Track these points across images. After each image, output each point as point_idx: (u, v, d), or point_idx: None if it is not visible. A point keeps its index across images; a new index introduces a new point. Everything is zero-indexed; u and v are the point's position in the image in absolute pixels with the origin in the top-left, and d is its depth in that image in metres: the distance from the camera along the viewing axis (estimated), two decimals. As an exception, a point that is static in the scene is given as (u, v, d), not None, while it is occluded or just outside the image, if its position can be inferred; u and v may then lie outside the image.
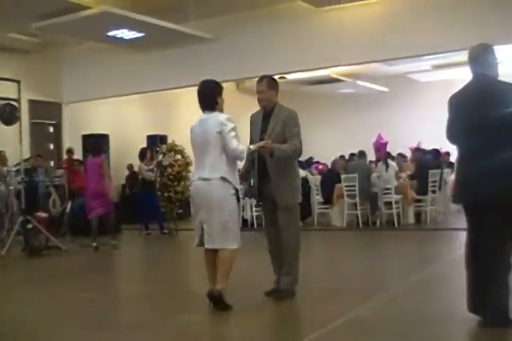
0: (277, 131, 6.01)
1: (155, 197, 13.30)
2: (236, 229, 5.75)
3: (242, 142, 5.66)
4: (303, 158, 16.11)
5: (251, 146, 5.81)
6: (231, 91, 18.35)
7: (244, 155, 5.73)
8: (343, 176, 13.01)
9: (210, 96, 5.78)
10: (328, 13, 12.47)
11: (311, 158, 18.52)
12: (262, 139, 5.97)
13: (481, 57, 4.97)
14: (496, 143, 4.63)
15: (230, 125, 5.63)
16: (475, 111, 4.73)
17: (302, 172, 14.48)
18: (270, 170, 6.08)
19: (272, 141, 5.85)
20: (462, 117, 4.80)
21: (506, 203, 4.62)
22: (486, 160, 4.60)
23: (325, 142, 20.18)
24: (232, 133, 5.60)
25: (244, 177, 6.28)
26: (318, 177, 14.35)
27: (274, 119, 6.09)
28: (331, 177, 13.66)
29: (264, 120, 6.17)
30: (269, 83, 6.18)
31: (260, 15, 12.81)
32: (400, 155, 15.20)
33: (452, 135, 4.91)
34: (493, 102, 4.70)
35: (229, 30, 13.07)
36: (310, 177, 14.54)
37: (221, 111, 5.81)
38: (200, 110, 5.83)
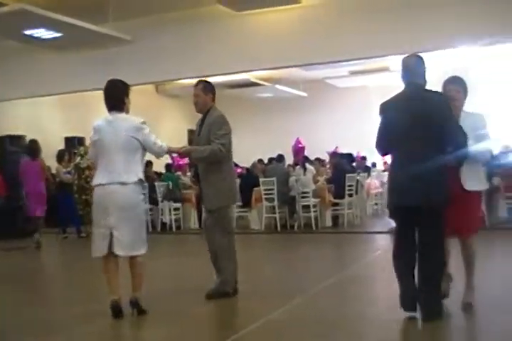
0: (205, 135, 6.11)
1: (72, 200, 13.06)
2: (145, 233, 5.69)
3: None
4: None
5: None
6: (150, 93, 18.20)
7: (165, 152, 5.82)
8: (261, 180, 13.07)
9: (117, 97, 5.67)
10: (248, 17, 12.52)
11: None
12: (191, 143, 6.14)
13: (412, 67, 5.17)
14: (426, 150, 4.89)
15: (146, 128, 5.62)
16: (406, 118, 4.95)
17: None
18: (200, 174, 6.21)
19: (202, 145, 6.06)
20: (393, 124, 5.05)
21: (433, 207, 4.89)
22: (417, 165, 4.82)
23: (244, 145, 20.10)
24: (153, 135, 5.65)
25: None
26: (237, 181, 14.34)
27: (206, 123, 6.18)
28: (249, 180, 13.70)
29: (201, 124, 6.27)
30: (204, 87, 6.26)
31: (180, 18, 12.74)
32: (318, 159, 15.38)
33: (383, 142, 5.18)
34: (424, 110, 4.94)
35: (148, 32, 12.96)
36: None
37: (127, 112, 5.73)
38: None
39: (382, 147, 5.27)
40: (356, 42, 11.68)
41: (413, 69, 5.17)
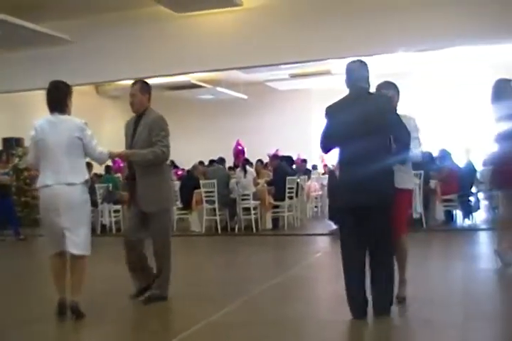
0: (144, 136, 5.97)
1: (11, 201, 12.80)
2: (89, 234, 5.67)
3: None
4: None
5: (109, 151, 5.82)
6: (90, 94, 17.98)
7: (106, 158, 5.78)
8: (202, 182, 13.03)
9: (60, 99, 5.60)
10: (189, 19, 12.48)
11: (172, 162, 18.40)
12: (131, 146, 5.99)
13: (357, 71, 5.37)
14: (373, 150, 5.07)
15: (89, 130, 5.57)
16: (352, 120, 5.13)
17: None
18: (138, 176, 6.02)
19: (140, 146, 5.92)
20: (340, 126, 5.24)
21: (384, 204, 5.11)
22: (365, 165, 4.99)
23: (185, 148, 20.11)
24: (95, 139, 5.59)
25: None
26: (178, 183, 14.30)
27: (142, 124, 6.05)
28: (190, 182, 13.65)
29: (135, 125, 6.12)
30: (141, 87, 6.18)
31: (121, 19, 12.62)
32: (260, 161, 15.41)
33: (328, 143, 5.38)
34: (369, 112, 5.14)
35: (89, 32, 12.80)
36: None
37: (69, 114, 5.66)
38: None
39: (327, 147, 5.43)
40: (297, 46, 11.78)
41: (357, 74, 5.35)
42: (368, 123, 5.10)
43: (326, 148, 5.46)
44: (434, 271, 7.63)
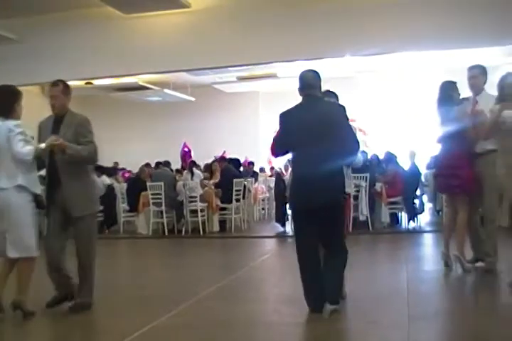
0: (69, 137, 5.71)
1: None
2: (34, 236, 5.58)
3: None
4: (107, 165, 15.90)
5: (41, 145, 5.58)
6: (36, 95, 17.68)
7: (31, 157, 5.50)
8: (148, 184, 12.95)
9: (5, 104, 5.54)
10: (136, 20, 12.38)
11: (116, 163, 18.27)
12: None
13: (310, 80, 5.62)
14: (324, 154, 5.30)
15: (17, 130, 5.48)
16: (305, 126, 5.41)
17: (108, 180, 14.31)
18: (62, 176, 5.77)
19: None
20: (291, 133, 5.51)
21: (334, 205, 5.39)
22: (316, 169, 5.25)
23: (132, 149, 20.05)
24: (18, 137, 5.46)
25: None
26: (124, 185, 14.21)
27: (65, 126, 5.82)
28: (136, 185, 13.56)
29: (55, 127, 5.85)
30: (64, 88, 5.94)
31: (68, 18, 12.40)
32: (216, 161, 15.40)
33: (280, 149, 5.72)
34: (321, 119, 5.41)
35: (35, 31, 12.55)
36: (116, 184, 14.36)
37: (18, 118, 5.59)
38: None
39: (279, 152, 5.81)
40: (244, 48, 11.81)
41: (310, 83, 5.61)
42: (320, 130, 5.35)
43: (277, 153, 5.83)
44: (379, 272, 7.74)
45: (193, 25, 12.19)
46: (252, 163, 17.49)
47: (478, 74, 7.24)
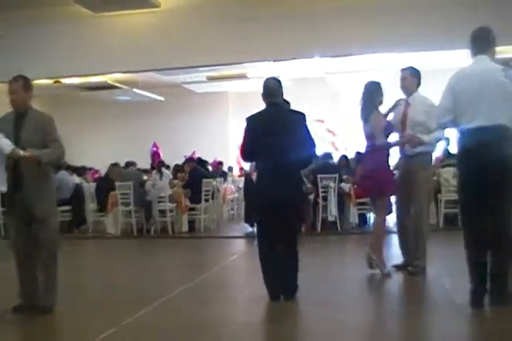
0: (31, 135, 5.61)
1: None
2: None
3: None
4: (77, 164, 15.80)
5: (20, 151, 5.45)
6: (2, 92, 17.52)
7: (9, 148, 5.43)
8: (117, 184, 12.89)
9: None
10: (106, 19, 12.33)
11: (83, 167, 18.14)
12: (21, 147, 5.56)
13: (272, 88, 6.08)
14: (285, 158, 5.81)
15: None
16: (268, 132, 5.87)
17: (77, 179, 14.22)
18: (26, 180, 5.66)
19: (29, 146, 5.54)
20: (257, 139, 5.92)
21: (293, 206, 5.99)
22: (278, 172, 5.85)
23: (101, 149, 19.91)
24: None
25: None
26: (93, 185, 14.12)
27: (28, 123, 5.69)
28: (105, 184, 13.48)
29: (16, 124, 5.72)
30: (25, 83, 5.81)
31: (39, 16, 12.26)
32: (190, 160, 15.36)
33: (249, 155, 6.21)
34: (283, 126, 5.90)
35: (4, 29, 12.39)
36: (85, 184, 14.26)
37: None
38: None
39: (248, 156, 6.28)
40: (213, 49, 11.81)
41: (273, 90, 6.06)
42: (282, 135, 5.83)
43: (246, 159, 6.49)
44: (347, 272, 7.78)
45: (162, 24, 12.18)
46: (221, 163, 17.49)
47: (408, 76, 7.33)
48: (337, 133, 18.14)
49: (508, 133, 5.15)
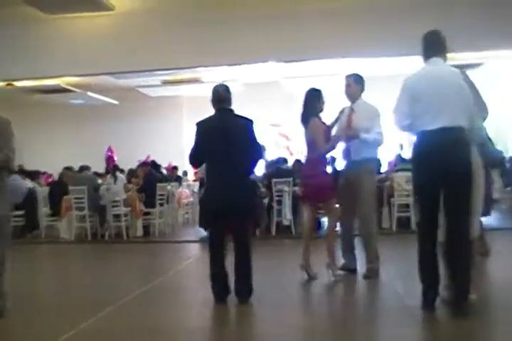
0: None
1: None
2: None
3: None
4: (30, 168, 15.63)
5: None
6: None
7: None
8: (71, 188, 12.77)
9: None
10: (59, 22, 12.20)
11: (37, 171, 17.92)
12: None
13: (221, 94, 6.27)
14: (233, 163, 6.06)
15: None
16: (217, 138, 6.08)
17: (30, 184, 14.05)
18: None
19: None
20: (205, 144, 6.15)
21: (243, 210, 6.12)
22: (225, 176, 6.07)
23: (55, 153, 19.67)
24: None
25: None
26: (47, 189, 13.97)
27: None
28: (59, 188, 13.34)
29: None
30: None
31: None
32: (131, 169, 15.30)
33: (196, 159, 6.37)
34: (231, 132, 6.10)
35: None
36: (38, 188, 14.10)
37: None
38: None
39: (194, 160, 6.44)
40: (168, 52, 11.81)
41: (222, 97, 6.26)
42: (230, 141, 6.04)
43: (194, 163, 6.56)
44: (301, 276, 7.82)
45: (117, 28, 12.12)
46: (175, 168, 17.45)
47: (352, 83, 7.47)
48: (291, 137, 18.31)
49: (466, 135, 5.16)
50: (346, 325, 5.38)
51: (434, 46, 5.44)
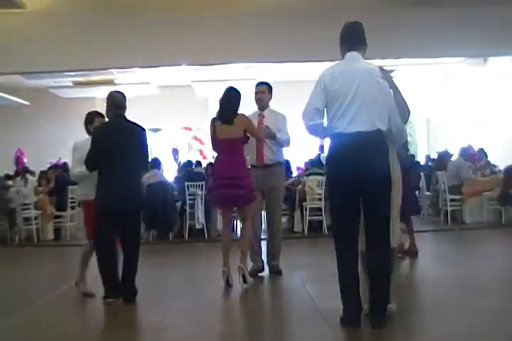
0: None
1: None
2: None
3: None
4: None
5: None
6: None
7: None
8: (-22, 191, 12.46)
9: None
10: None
11: None
12: None
13: (119, 101, 6.59)
14: (126, 169, 6.40)
15: None
16: (113, 143, 6.40)
17: None
18: None
19: None
20: (104, 147, 6.38)
21: (134, 211, 6.60)
22: (118, 180, 6.36)
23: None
24: None
25: None
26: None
27: None
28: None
29: None
30: None
31: None
32: (42, 171, 14.98)
33: (90, 162, 6.46)
34: (127, 138, 6.47)
35: None
36: None
37: None
38: None
39: (91, 166, 6.50)
40: (80, 53, 11.63)
41: (118, 103, 6.54)
42: (123, 148, 6.37)
43: (91, 168, 6.52)
44: (212, 279, 7.85)
45: (27, 26, 11.82)
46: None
47: (265, 90, 7.77)
48: (204, 141, 18.35)
49: (384, 138, 4.94)
50: (257, 329, 5.44)
51: (352, 38, 5.16)
